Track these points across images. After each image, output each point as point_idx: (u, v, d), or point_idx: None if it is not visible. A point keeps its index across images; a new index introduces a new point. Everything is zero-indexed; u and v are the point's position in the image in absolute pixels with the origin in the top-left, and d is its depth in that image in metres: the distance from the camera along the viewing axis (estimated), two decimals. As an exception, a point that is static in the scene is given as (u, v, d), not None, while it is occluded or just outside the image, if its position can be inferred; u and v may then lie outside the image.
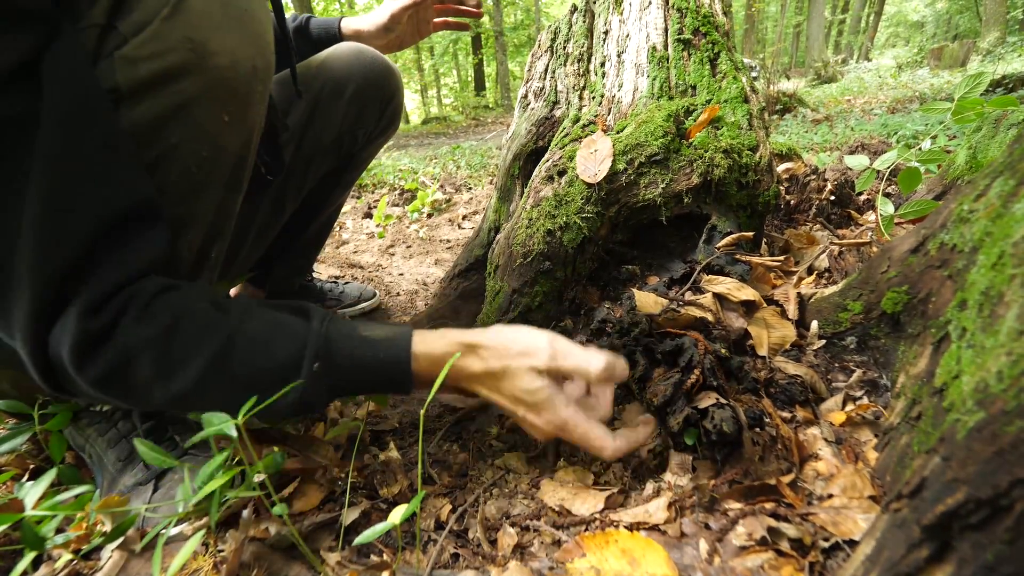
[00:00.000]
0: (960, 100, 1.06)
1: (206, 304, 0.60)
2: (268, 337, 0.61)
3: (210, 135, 0.65)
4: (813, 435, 0.72)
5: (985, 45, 10.59)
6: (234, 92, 0.65)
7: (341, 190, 1.33)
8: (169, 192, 0.64)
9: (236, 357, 0.58)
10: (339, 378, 0.62)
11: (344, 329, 0.64)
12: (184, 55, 0.59)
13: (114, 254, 0.56)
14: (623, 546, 0.58)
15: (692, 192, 1.00)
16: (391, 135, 1.32)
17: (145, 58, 0.58)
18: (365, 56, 1.14)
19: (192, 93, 0.61)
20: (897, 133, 3.32)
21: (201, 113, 0.63)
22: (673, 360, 0.75)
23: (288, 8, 7.07)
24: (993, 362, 0.48)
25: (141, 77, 0.58)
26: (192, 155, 0.64)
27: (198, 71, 0.61)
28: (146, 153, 0.61)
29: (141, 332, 0.55)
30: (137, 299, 0.56)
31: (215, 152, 0.67)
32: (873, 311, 0.79)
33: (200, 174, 0.66)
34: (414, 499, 0.54)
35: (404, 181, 3.44)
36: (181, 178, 0.65)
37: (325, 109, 1.12)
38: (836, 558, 0.55)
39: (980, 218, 0.63)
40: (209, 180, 0.68)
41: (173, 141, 0.62)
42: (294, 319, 0.64)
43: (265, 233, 1.15)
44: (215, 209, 0.71)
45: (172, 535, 0.66)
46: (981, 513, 0.40)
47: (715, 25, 1.14)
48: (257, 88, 0.69)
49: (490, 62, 21.04)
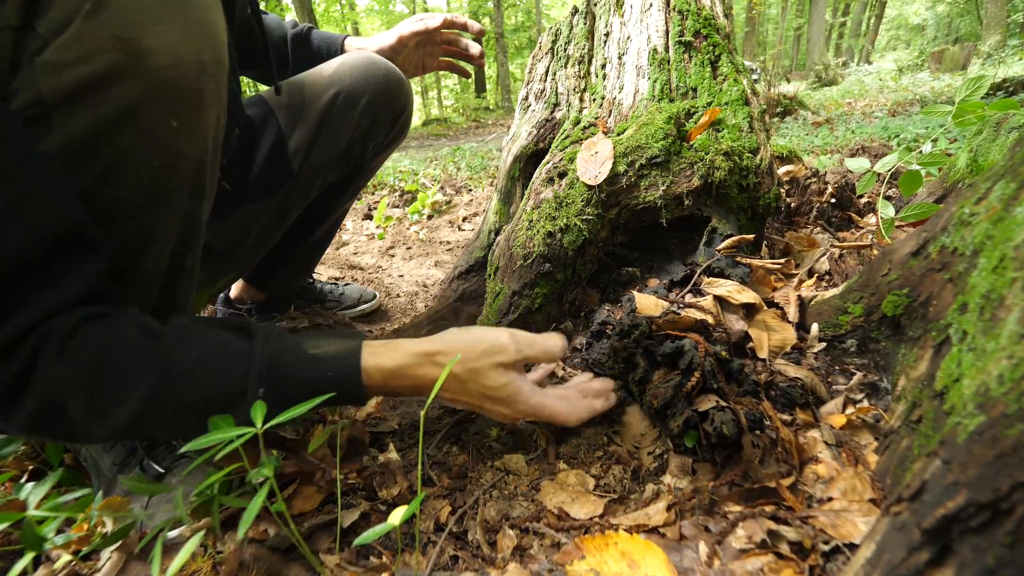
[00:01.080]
0: (961, 103, 1.06)
1: (136, 333, 0.56)
2: (208, 364, 0.58)
3: (160, 142, 0.59)
4: (813, 438, 0.72)
5: (986, 48, 10.60)
6: (181, 94, 0.59)
7: (347, 197, 1.32)
8: (124, 206, 0.59)
9: (175, 388, 0.56)
10: (287, 399, 0.59)
11: (289, 348, 0.62)
12: (115, 56, 0.52)
13: (31, 294, 0.51)
14: (622, 548, 0.57)
15: (693, 194, 1.00)
16: (398, 146, 1.32)
17: (70, 63, 0.51)
18: (380, 67, 1.13)
19: (131, 99, 0.55)
20: (898, 136, 3.32)
21: (146, 120, 0.57)
22: (673, 362, 0.75)
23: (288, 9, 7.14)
24: (994, 365, 0.48)
25: (68, 85, 0.51)
26: (143, 166, 0.59)
27: (135, 74, 0.54)
28: (89, 168, 0.56)
29: (63, 371, 0.52)
30: (54, 336, 0.52)
31: (170, 159, 0.61)
32: (874, 314, 0.79)
33: (155, 184, 0.61)
34: (414, 501, 0.53)
35: (404, 182, 3.44)
36: (134, 191, 0.59)
37: (337, 119, 1.10)
38: (836, 561, 0.55)
39: (981, 221, 0.63)
40: (167, 190, 0.63)
41: (118, 152, 0.56)
42: (235, 340, 0.61)
43: (265, 239, 1.14)
44: (180, 219, 0.66)
45: (171, 537, 0.66)
46: (982, 516, 0.40)
47: (716, 27, 1.14)
48: (208, 86, 0.61)
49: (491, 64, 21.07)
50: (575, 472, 0.72)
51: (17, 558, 0.59)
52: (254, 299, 1.42)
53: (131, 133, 0.56)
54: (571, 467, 0.73)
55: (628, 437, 0.77)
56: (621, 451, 0.75)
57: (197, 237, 0.72)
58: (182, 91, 0.58)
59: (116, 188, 0.58)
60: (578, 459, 0.75)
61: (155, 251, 0.65)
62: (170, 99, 0.58)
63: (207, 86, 0.61)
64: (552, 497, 0.68)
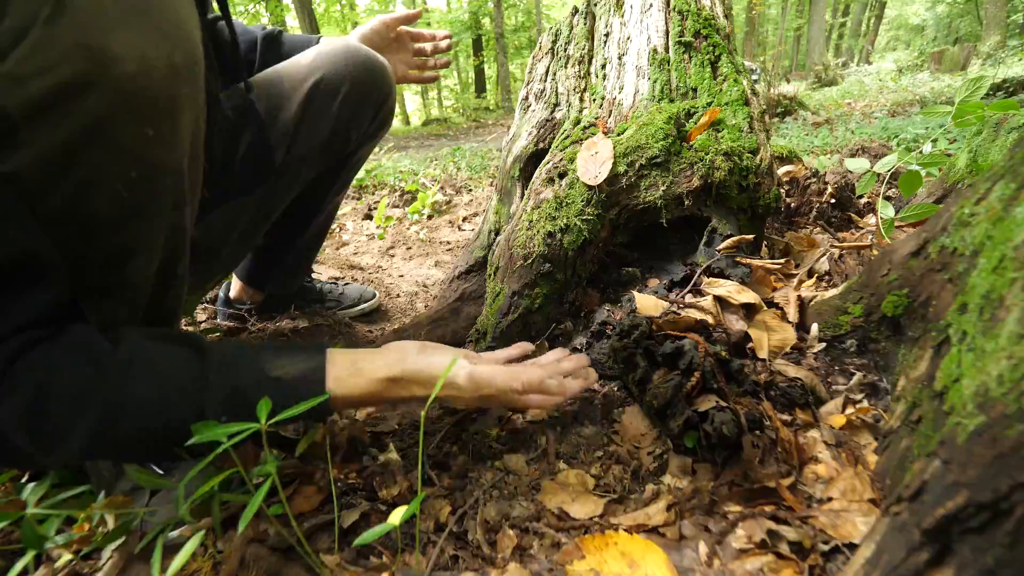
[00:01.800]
0: (961, 104, 1.06)
1: (77, 363, 0.54)
2: (159, 397, 0.56)
3: (135, 153, 0.56)
4: (813, 438, 0.72)
5: (986, 49, 10.61)
6: (152, 101, 0.55)
7: (336, 191, 1.31)
8: (101, 221, 0.56)
9: (123, 425, 0.54)
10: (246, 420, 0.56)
11: (249, 372, 0.60)
12: (80, 65, 0.49)
13: None
14: (622, 548, 0.57)
15: (693, 194, 1.00)
16: (383, 136, 1.30)
17: (33, 74, 0.47)
18: (360, 53, 1.10)
19: (100, 110, 0.51)
20: (897, 136, 3.32)
21: (118, 131, 0.53)
22: (673, 363, 0.75)
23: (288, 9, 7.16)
24: (994, 366, 0.48)
25: (35, 96, 0.48)
26: (118, 177, 0.55)
27: (101, 83, 0.50)
28: (64, 185, 0.52)
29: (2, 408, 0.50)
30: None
31: (147, 171, 0.58)
32: (873, 314, 0.79)
33: (134, 197, 0.58)
34: (414, 501, 0.53)
35: (404, 182, 3.44)
36: (112, 205, 0.56)
37: (319, 109, 1.07)
38: (836, 561, 0.55)
39: (981, 222, 0.63)
40: (148, 201, 0.60)
41: (92, 167, 0.53)
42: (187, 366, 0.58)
43: (251, 235, 1.11)
44: (165, 229, 0.64)
45: (171, 537, 0.66)
46: (981, 517, 0.40)
47: (716, 28, 1.14)
48: (183, 91, 0.58)
49: (491, 64, 21.08)
50: (575, 472, 0.72)
51: (18, 557, 0.59)
52: (253, 299, 1.42)
53: (104, 146, 0.53)
54: (571, 467, 0.73)
55: (628, 437, 0.77)
56: (621, 451, 0.75)
57: (184, 245, 0.69)
58: (153, 99, 0.55)
59: (93, 204, 0.55)
60: (578, 459, 0.75)
61: (140, 264, 0.62)
62: (141, 108, 0.54)
63: (181, 91, 0.58)
64: (552, 497, 0.68)
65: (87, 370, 0.54)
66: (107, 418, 0.53)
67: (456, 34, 20.26)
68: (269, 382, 0.60)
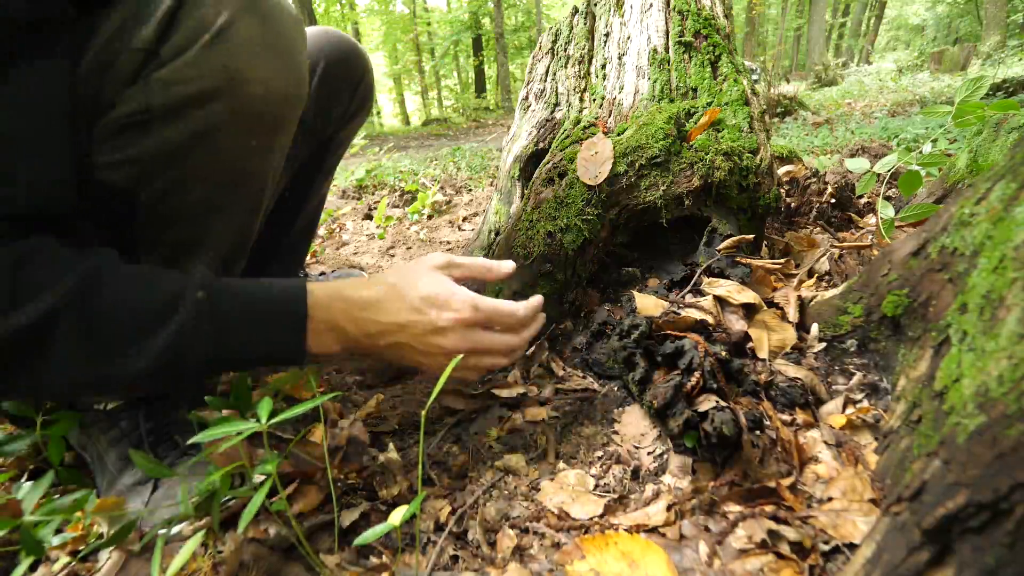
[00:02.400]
0: (961, 104, 1.06)
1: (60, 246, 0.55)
2: (146, 272, 0.58)
3: (235, 160, 0.66)
4: (813, 438, 0.72)
5: (986, 49, 10.62)
6: (260, 118, 0.66)
7: (323, 177, 1.31)
8: (185, 214, 0.65)
9: (103, 292, 0.54)
10: (226, 323, 0.57)
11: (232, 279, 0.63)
12: (220, 80, 0.60)
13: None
14: (623, 548, 0.57)
15: (693, 194, 1.00)
16: (364, 118, 1.30)
17: (181, 81, 0.58)
18: (332, 34, 1.14)
19: (220, 118, 0.62)
20: (898, 136, 3.33)
21: (227, 138, 0.64)
22: (673, 362, 0.75)
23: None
24: (994, 366, 0.48)
25: (174, 98, 0.59)
26: (214, 177, 0.65)
27: (229, 96, 0.61)
28: (168, 174, 0.62)
29: None
30: None
31: (238, 177, 0.68)
32: (873, 314, 0.79)
33: (220, 198, 0.67)
34: (414, 500, 0.53)
35: (404, 182, 3.44)
36: (199, 201, 0.66)
37: None
38: (836, 561, 0.55)
39: (981, 222, 0.63)
40: (229, 203, 0.69)
41: (196, 164, 0.63)
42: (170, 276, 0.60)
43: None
44: (236, 230, 0.72)
45: (171, 535, 0.65)
46: (982, 517, 0.40)
47: (716, 28, 1.14)
48: (288, 115, 0.70)
49: (491, 64, 21.09)
50: (575, 472, 0.72)
51: (16, 558, 0.59)
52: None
53: (211, 149, 0.63)
54: (571, 467, 0.73)
55: (628, 437, 0.77)
56: (621, 451, 0.75)
57: (246, 247, 0.78)
58: (262, 116, 0.66)
59: (184, 197, 0.64)
60: (578, 459, 0.75)
61: (205, 259, 0.70)
62: (252, 123, 0.65)
63: (287, 115, 0.70)
64: (552, 497, 0.68)
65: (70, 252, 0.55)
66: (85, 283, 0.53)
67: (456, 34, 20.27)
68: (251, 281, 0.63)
